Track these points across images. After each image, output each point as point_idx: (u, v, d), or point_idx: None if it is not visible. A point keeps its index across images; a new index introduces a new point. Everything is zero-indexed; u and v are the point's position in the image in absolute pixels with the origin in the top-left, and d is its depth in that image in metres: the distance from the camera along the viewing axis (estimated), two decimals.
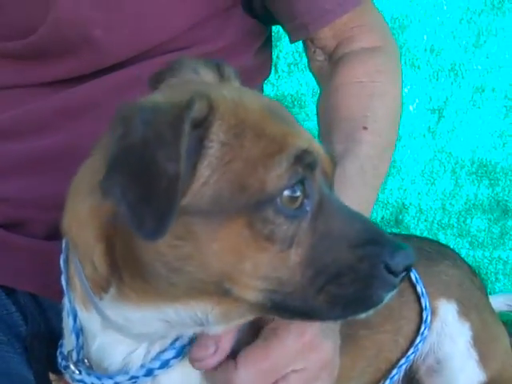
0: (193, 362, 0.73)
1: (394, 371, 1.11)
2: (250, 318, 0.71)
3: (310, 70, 1.17)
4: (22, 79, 1.07)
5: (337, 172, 0.86)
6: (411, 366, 1.15)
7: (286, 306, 0.65)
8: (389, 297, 0.67)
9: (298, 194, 0.64)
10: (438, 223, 1.91)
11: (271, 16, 1.13)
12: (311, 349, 0.76)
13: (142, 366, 0.76)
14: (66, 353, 0.83)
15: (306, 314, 0.66)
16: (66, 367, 0.82)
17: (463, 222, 1.92)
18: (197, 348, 0.73)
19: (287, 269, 0.64)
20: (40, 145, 1.05)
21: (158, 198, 0.57)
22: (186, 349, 0.76)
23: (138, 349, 0.76)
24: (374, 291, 0.65)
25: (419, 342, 1.12)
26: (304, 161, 0.64)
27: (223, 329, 0.71)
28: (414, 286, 1.15)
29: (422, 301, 1.13)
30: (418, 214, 1.91)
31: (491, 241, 1.92)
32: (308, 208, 0.65)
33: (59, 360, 0.85)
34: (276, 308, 0.66)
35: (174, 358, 0.75)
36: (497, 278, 1.91)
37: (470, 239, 1.91)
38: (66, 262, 0.78)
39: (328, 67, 1.12)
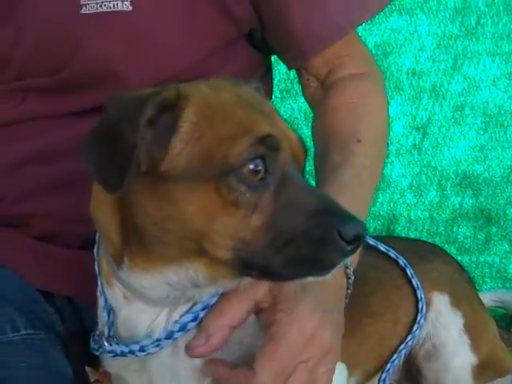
0: (186, 349, 0.85)
1: (395, 356, 1.20)
2: (232, 281, 0.82)
3: (304, 96, 1.29)
4: (51, 110, 1.15)
5: (334, 179, 1.02)
6: (410, 353, 1.25)
7: (251, 265, 0.76)
8: (342, 262, 0.76)
9: (260, 168, 0.76)
10: (427, 232, 2.01)
11: (270, 47, 1.26)
12: (313, 340, 0.85)
13: (164, 329, 0.87)
14: (97, 335, 0.94)
15: (269, 272, 0.76)
16: (99, 347, 0.93)
17: (450, 230, 2.02)
18: (192, 339, 0.85)
19: (250, 231, 0.75)
20: (69, 167, 1.13)
21: (119, 160, 0.73)
22: (201, 314, 0.87)
23: (160, 315, 0.88)
24: (326, 254, 0.74)
25: (416, 329, 1.21)
26: (266, 142, 0.76)
27: (215, 289, 0.84)
28: (410, 281, 1.27)
29: (418, 293, 1.24)
30: (408, 224, 2.01)
31: (477, 246, 2.02)
32: (270, 182, 0.77)
33: (92, 345, 0.96)
34: (244, 266, 0.77)
35: (192, 321, 0.87)
36: (484, 281, 2.01)
37: (457, 246, 2.01)
38: (98, 252, 0.92)
39: (321, 92, 1.23)
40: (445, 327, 1.25)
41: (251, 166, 0.75)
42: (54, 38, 1.11)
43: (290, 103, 1.99)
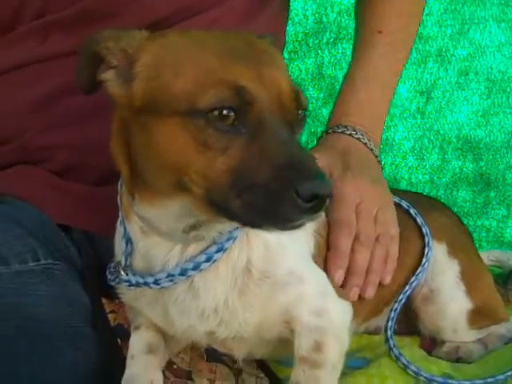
0: None
1: (401, 296, 1.24)
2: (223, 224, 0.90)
3: None
4: (72, 45, 1.14)
5: (346, 80, 1.30)
6: (409, 297, 1.30)
7: (217, 204, 0.80)
8: (302, 220, 0.76)
9: (230, 114, 0.78)
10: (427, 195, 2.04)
11: None
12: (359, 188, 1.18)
13: (178, 265, 0.93)
14: (113, 267, 1.01)
15: (231, 214, 0.80)
16: (116, 277, 0.99)
17: (450, 193, 2.05)
18: None
19: (215, 172, 0.79)
20: (91, 99, 1.18)
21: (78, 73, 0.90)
22: (215, 256, 0.93)
23: (174, 249, 0.94)
24: (282, 209, 0.74)
25: (420, 271, 1.26)
26: (239, 95, 0.78)
27: (215, 223, 0.90)
28: (417, 229, 1.31)
29: (426, 239, 1.28)
30: (408, 187, 2.04)
31: (475, 210, 2.06)
32: (243, 129, 0.79)
33: (108, 276, 1.02)
34: (213, 204, 0.81)
35: (205, 262, 0.93)
36: (480, 245, 2.04)
37: (456, 209, 2.02)
38: (121, 186, 0.98)
39: None
40: (441, 273, 1.29)
41: (219, 111, 0.77)
42: None
43: (297, 64, 2.01)
